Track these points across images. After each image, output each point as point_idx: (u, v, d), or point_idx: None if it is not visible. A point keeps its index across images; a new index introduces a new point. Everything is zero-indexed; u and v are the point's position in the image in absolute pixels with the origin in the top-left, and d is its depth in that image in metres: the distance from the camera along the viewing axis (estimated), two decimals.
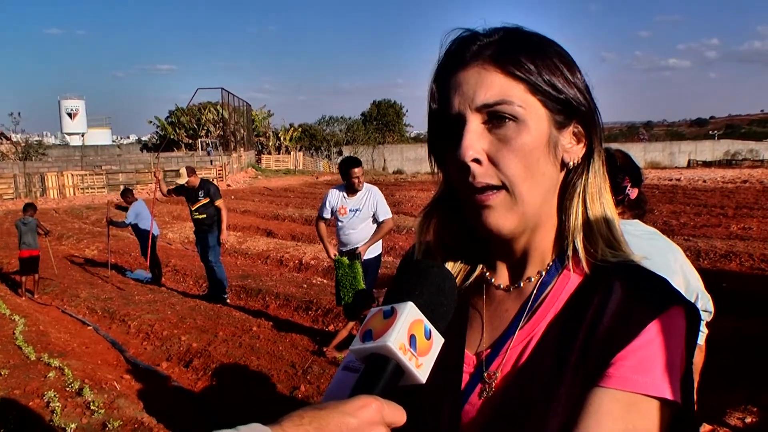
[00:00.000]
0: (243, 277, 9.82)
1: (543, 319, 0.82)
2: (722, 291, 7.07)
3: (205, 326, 7.06)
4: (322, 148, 49.72)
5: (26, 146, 36.21)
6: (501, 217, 0.79)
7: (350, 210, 5.93)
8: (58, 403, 4.49)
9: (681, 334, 0.76)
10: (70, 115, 56.01)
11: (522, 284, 0.87)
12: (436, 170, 0.89)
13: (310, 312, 7.72)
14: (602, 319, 0.77)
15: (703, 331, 2.25)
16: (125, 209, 10.85)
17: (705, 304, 2.19)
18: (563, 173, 0.83)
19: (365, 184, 5.99)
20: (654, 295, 0.78)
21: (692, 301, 2.11)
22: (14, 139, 38.67)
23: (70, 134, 55.80)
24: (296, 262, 10.86)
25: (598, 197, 0.84)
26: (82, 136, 55.22)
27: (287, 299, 8.28)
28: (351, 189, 5.90)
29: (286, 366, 5.61)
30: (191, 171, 8.80)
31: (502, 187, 0.78)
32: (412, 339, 0.69)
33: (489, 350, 0.86)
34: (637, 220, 2.25)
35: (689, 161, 47.18)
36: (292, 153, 45.06)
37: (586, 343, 0.77)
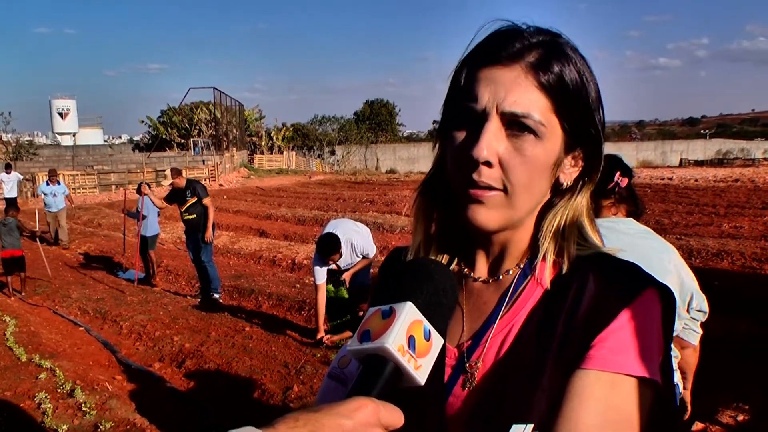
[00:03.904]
0: (236, 277, 9.79)
1: (522, 308, 0.84)
2: (714, 289, 7.10)
3: (198, 326, 7.04)
4: (315, 148, 49.58)
5: (17, 146, 35.88)
6: (490, 216, 0.81)
7: (343, 266, 6.15)
8: (49, 405, 4.47)
9: (657, 315, 0.79)
10: (61, 114, 55.51)
11: (501, 276, 0.89)
12: (437, 148, 0.89)
13: (303, 312, 7.70)
14: (580, 306, 0.79)
15: (698, 332, 2.25)
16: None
17: (699, 304, 2.19)
18: (552, 190, 0.86)
19: (342, 238, 5.88)
20: (628, 280, 0.80)
21: (686, 301, 2.12)
22: (5, 139, 38.39)
23: (61, 134, 55.31)
24: (289, 261, 10.83)
25: (580, 213, 0.86)
26: (74, 135, 54.74)
27: (280, 299, 8.26)
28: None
29: (279, 366, 5.59)
30: (176, 172, 8.77)
31: (502, 190, 0.80)
32: (410, 340, 0.68)
33: (469, 342, 0.87)
34: (631, 219, 2.24)
35: (681, 160, 47.33)
36: (284, 153, 44.91)
37: (566, 330, 0.78)
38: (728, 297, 6.82)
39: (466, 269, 0.92)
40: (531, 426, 0.76)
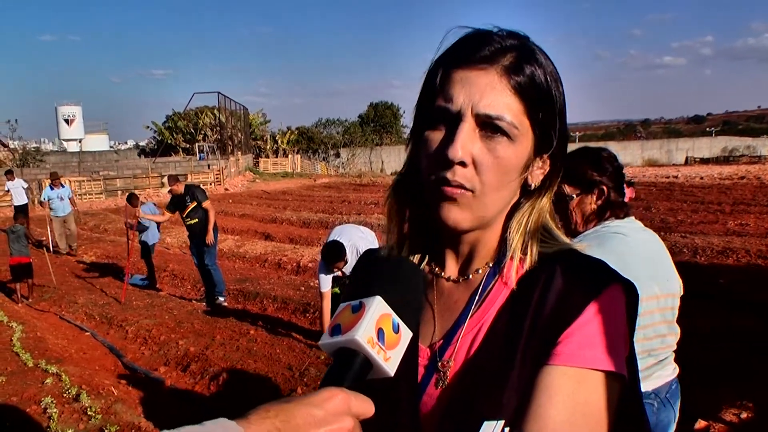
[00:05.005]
0: (241, 280, 9.82)
1: (492, 306, 0.85)
2: (719, 287, 7.08)
3: (203, 330, 7.07)
4: (320, 151, 49.61)
5: (24, 153, 36.00)
6: (462, 215, 0.83)
7: (348, 273, 6.01)
8: (55, 409, 4.50)
9: (622, 310, 0.80)
10: (67, 121, 55.79)
11: (471, 276, 0.90)
12: (408, 146, 0.91)
13: (307, 314, 7.72)
14: (547, 302, 0.80)
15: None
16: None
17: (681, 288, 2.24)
18: (520, 191, 0.88)
19: (347, 244, 5.60)
20: (594, 275, 0.82)
21: (680, 289, 2.16)
22: (11, 146, 38.61)
23: (67, 140, 55.59)
24: (294, 264, 10.84)
25: (545, 213, 0.89)
26: (80, 142, 55.03)
27: (285, 302, 8.28)
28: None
29: (283, 369, 5.61)
30: (173, 179, 8.79)
31: (472, 191, 0.81)
32: (380, 333, 0.70)
33: (441, 341, 0.88)
34: (632, 217, 2.26)
35: (687, 158, 47.17)
36: (289, 156, 44.98)
37: (533, 326, 0.80)
38: (733, 294, 6.81)
39: (437, 269, 0.93)
40: (502, 422, 0.77)
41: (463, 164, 0.79)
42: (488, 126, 0.79)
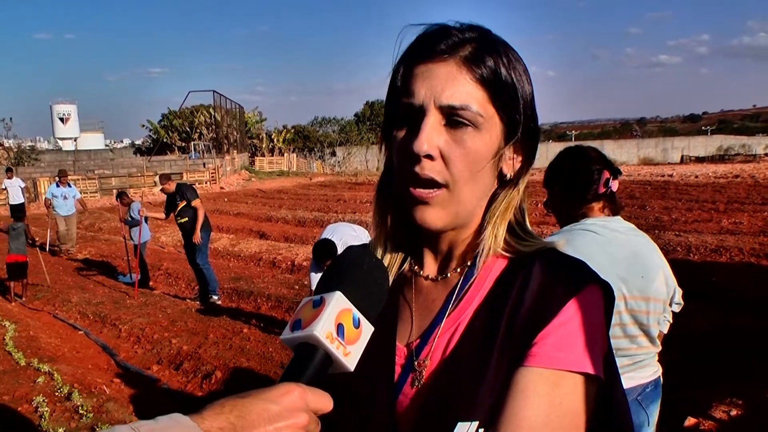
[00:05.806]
0: (235, 279, 9.81)
1: (469, 306, 0.84)
2: (711, 285, 7.10)
3: (196, 329, 7.06)
4: (316, 150, 49.57)
5: (18, 152, 35.86)
6: (437, 215, 0.82)
7: None
8: (46, 408, 4.49)
9: (599, 312, 0.79)
10: (62, 119, 55.50)
11: (449, 275, 0.89)
12: (383, 150, 0.90)
13: None
14: (524, 301, 0.79)
15: (670, 321, 2.25)
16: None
17: (678, 297, 2.20)
18: (497, 182, 0.86)
19: (339, 243, 5.48)
20: (571, 276, 0.81)
21: (671, 296, 2.13)
22: (6, 145, 38.46)
23: (62, 139, 55.31)
24: (289, 263, 10.85)
25: (515, 204, 0.88)
26: (75, 140, 54.82)
27: (279, 301, 8.28)
28: None
29: (276, 367, 5.61)
30: (165, 178, 8.78)
31: (444, 185, 0.80)
32: (339, 328, 0.70)
33: (418, 340, 0.87)
34: (619, 217, 2.24)
35: (682, 157, 47.25)
36: (285, 155, 44.92)
37: (509, 326, 0.79)
38: (725, 292, 6.83)
39: (416, 267, 0.93)
40: (476, 424, 0.76)
41: (430, 157, 0.79)
42: (453, 117, 0.79)
